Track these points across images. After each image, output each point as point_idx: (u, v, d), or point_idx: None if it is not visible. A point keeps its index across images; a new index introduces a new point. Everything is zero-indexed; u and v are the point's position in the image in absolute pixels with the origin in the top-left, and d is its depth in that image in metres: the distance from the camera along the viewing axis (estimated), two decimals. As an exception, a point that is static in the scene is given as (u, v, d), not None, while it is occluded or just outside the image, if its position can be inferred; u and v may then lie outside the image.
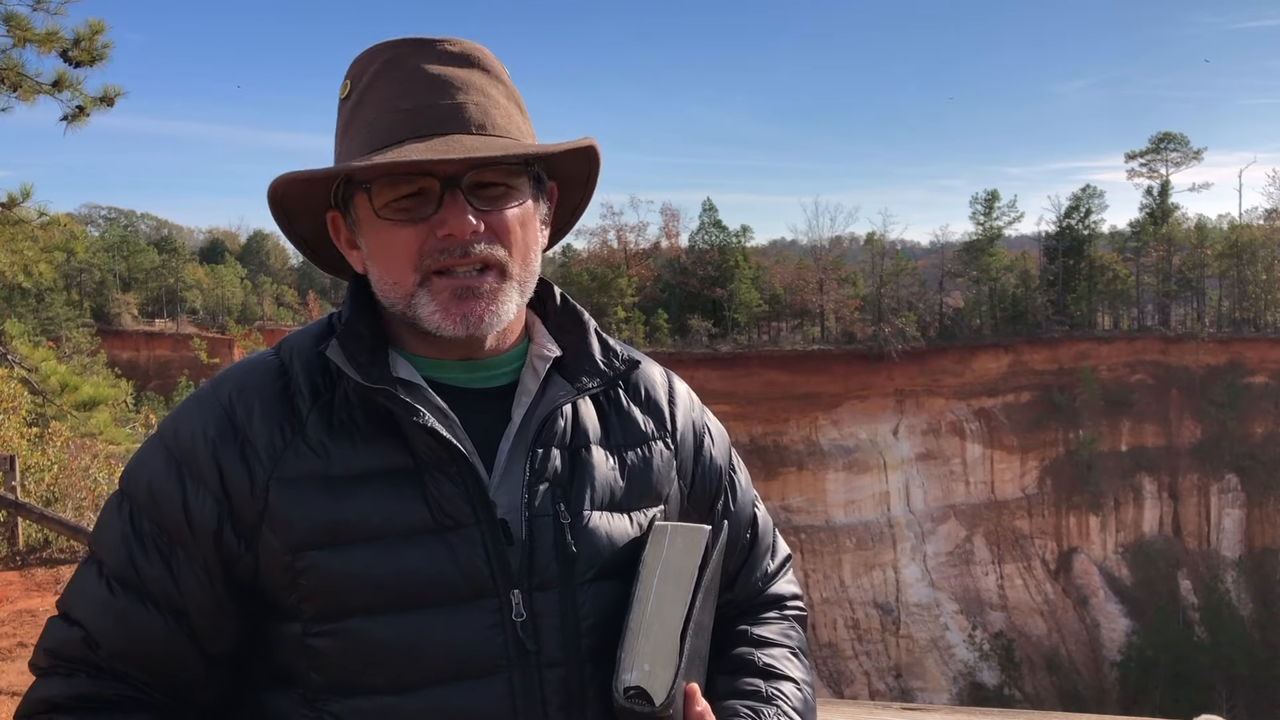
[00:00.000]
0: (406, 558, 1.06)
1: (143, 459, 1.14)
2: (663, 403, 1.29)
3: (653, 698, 1.04)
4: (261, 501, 1.07)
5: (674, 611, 1.09)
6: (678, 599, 1.10)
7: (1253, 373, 58.56)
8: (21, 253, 12.91)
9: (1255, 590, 55.85)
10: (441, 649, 1.05)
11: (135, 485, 1.12)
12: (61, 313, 52.20)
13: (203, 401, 1.13)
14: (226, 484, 1.07)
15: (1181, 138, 64.01)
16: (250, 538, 1.07)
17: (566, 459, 1.15)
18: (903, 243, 74.04)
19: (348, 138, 1.14)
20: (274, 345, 1.20)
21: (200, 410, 1.12)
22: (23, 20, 10.90)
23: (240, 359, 1.21)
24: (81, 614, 1.09)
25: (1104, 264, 62.07)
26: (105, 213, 79.26)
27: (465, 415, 1.13)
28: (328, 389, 1.12)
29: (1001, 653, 52.48)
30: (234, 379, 1.14)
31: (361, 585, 1.05)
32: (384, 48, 1.13)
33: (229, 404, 1.11)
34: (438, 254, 1.09)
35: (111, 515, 1.13)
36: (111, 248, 65.79)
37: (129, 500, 1.12)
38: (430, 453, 1.08)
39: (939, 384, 56.61)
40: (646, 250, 61.55)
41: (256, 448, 1.08)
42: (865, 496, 54.27)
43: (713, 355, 54.67)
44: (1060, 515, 57.45)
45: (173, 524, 1.08)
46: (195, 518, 1.08)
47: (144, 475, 1.11)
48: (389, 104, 1.10)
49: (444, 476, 1.08)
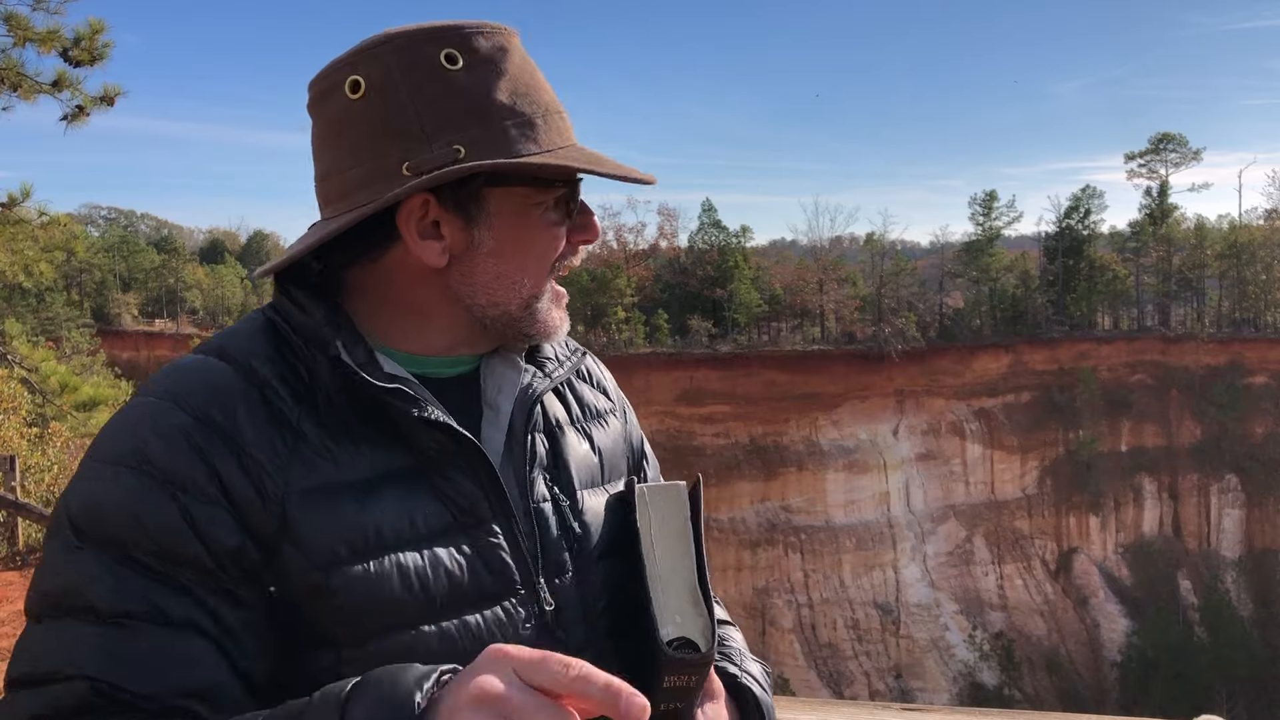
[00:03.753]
0: (438, 561, 1.00)
1: (101, 491, 0.95)
2: (603, 380, 1.33)
3: (698, 645, 1.04)
4: (278, 518, 0.96)
5: (683, 564, 1.10)
6: (683, 551, 1.11)
7: (1253, 373, 58.53)
8: (22, 253, 12.91)
9: (1255, 590, 55.82)
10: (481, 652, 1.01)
11: (110, 519, 0.93)
12: (61, 313, 52.27)
13: (161, 412, 0.97)
14: (231, 496, 0.95)
15: (1181, 138, 63.99)
16: (270, 558, 0.96)
17: (548, 443, 1.15)
18: (902, 243, 74.03)
19: (486, 119, 1.03)
20: (203, 350, 1.06)
21: (164, 420, 0.97)
22: (23, 19, 10.89)
23: (172, 366, 1.05)
24: (73, 665, 0.89)
25: (1104, 264, 62.07)
26: (105, 213, 79.42)
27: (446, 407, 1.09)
28: (306, 390, 1.02)
29: (1001, 653, 52.48)
30: (193, 383, 1.00)
31: (402, 597, 0.97)
32: (489, 30, 1.05)
33: (201, 410, 0.97)
34: (565, 259, 1.10)
35: (75, 561, 0.93)
36: (111, 248, 65.84)
37: (98, 540, 0.93)
38: (439, 448, 1.03)
39: (939, 384, 56.61)
40: (645, 251, 61.62)
41: (256, 457, 0.96)
42: (865, 497, 54.27)
43: (713, 355, 54.67)
44: (1060, 515, 57.45)
45: (178, 547, 0.93)
46: (208, 535, 0.94)
47: (117, 506, 0.93)
48: (540, 99, 1.06)
49: (456, 472, 1.03)
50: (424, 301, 1.09)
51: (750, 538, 52.36)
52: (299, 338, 1.05)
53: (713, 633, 1.05)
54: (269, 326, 1.07)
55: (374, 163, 1.02)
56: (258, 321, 1.09)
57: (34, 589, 0.96)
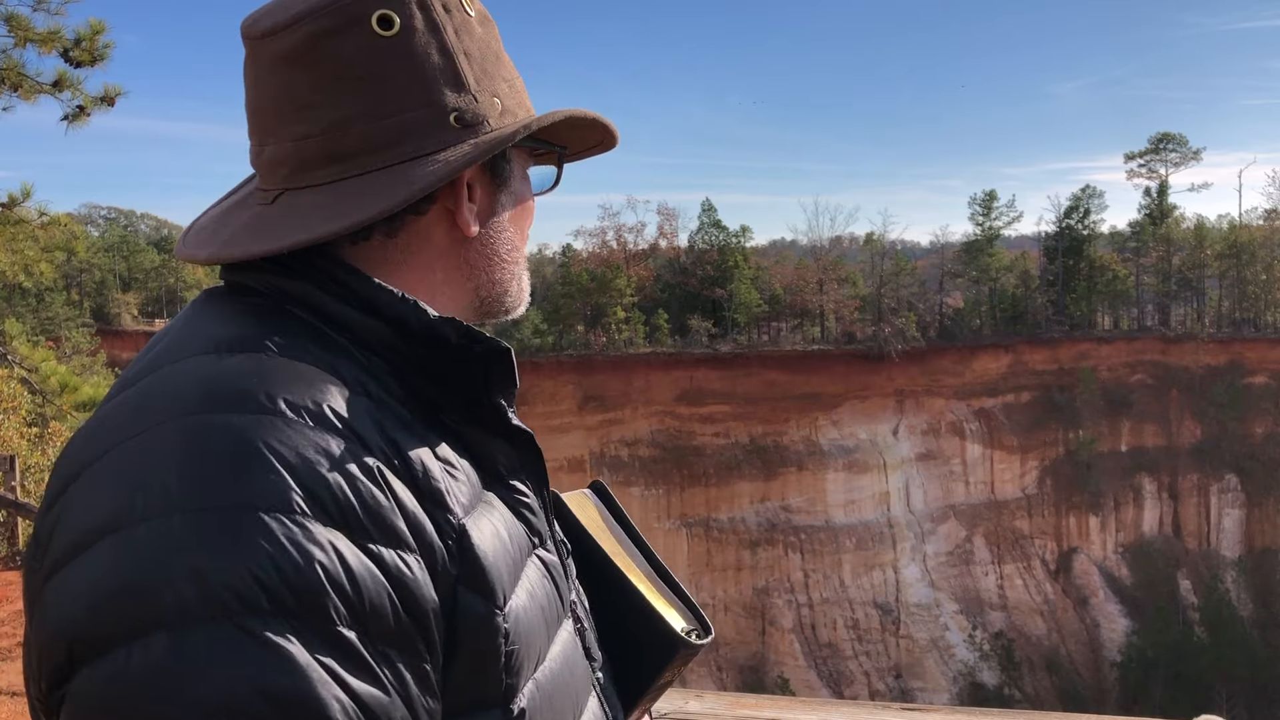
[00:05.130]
0: (542, 586, 0.87)
1: (274, 548, 0.66)
2: None
3: (705, 630, 1.07)
4: (457, 551, 0.77)
5: (641, 561, 1.12)
6: (632, 551, 1.13)
7: (1253, 373, 58.56)
8: (22, 253, 12.93)
9: (1255, 590, 55.86)
10: (576, 683, 0.91)
11: (304, 585, 0.66)
12: (61, 313, 52.24)
13: (294, 427, 0.72)
14: (419, 535, 0.74)
15: (1180, 138, 64.04)
16: (450, 610, 0.75)
17: None
18: (902, 243, 74.01)
19: (501, 72, 0.94)
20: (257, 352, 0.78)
21: (313, 437, 0.72)
22: (24, 20, 10.92)
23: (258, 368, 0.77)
24: None
25: (1104, 264, 62.13)
26: (105, 213, 79.36)
27: None
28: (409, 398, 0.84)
29: (1001, 653, 52.50)
30: (314, 386, 0.76)
31: (538, 629, 0.85)
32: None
33: (352, 420, 0.76)
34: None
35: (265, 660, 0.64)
36: (111, 248, 65.84)
37: (292, 617, 0.65)
38: (511, 460, 0.89)
39: (939, 384, 56.64)
40: (645, 250, 61.60)
41: (430, 472, 0.78)
42: (865, 496, 54.30)
43: (713, 355, 54.67)
44: (1060, 515, 57.48)
45: (383, 617, 0.70)
46: (410, 596, 0.72)
47: (308, 565, 0.67)
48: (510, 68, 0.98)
49: (520, 484, 0.89)
50: (438, 281, 0.92)
51: (750, 538, 52.39)
52: (353, 338, 0.84)
53: (699, 612, 1.08)
54: (314, 335, 0.83)
55: (421, 111, 0.86)
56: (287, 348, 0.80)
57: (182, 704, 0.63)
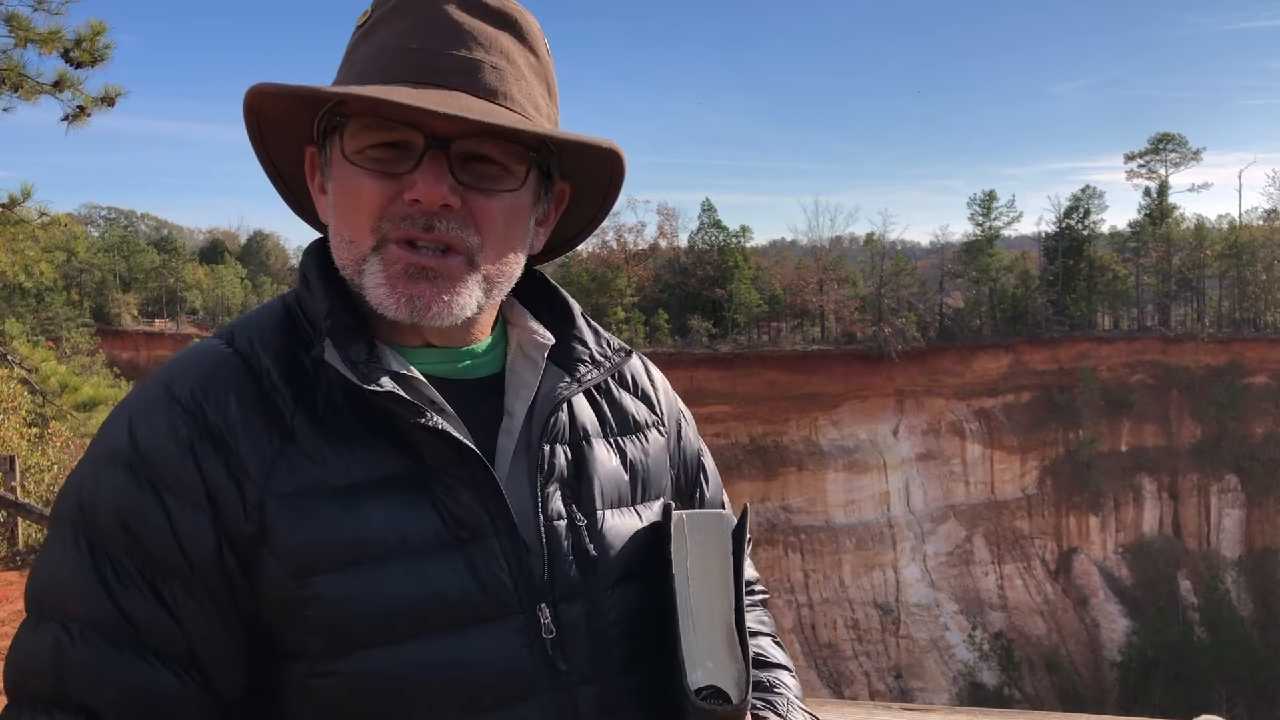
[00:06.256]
0: (427, 576, 0.92)
1: (91, 484, 0.92)
2: (649, 388, 1.20)
3: (729, 695, 0.97)
4: (256, 521, 0.91)
5: (717, 604, 1.02)
6: (718, 591, 1.02)
7: (1253, 373, 58.55)
8: (22, 253, 12.94)
9: (1255, 590, 55.84)
10: (468, 678, 0.93)
11: (94, 516, 0.91)
12: (61, 313, 52.21)
13: (155, 403, 0.94)
14: (215, 498, 0.91)
15: (1180, 138, 64.04)
16: (247, 563, 0.91)
17: (570, 455, 1.05)
18: (902, 243, 74.09)
19: (345, 67, 1.00)
20: (218, 335, 1.02)
21: (157, 413, 0.93)
22: (24, 20, 10.94)
23: (183, 353, 1.01)
24: (80, 691, 0.88)
25: (1104, 264, 62.12)
26: (105, 213, 79.45)
27: (458, 411, 0.99)
28: (308, 386, 0.96)
29: (1001, 653, 52.47)
30: (189, 374, 0.95)
31: (378, 611, 0.91)
32: None
33: (194, 403, 0.93)
34: (399, 220, 0.94)
35: (64, 558, 0.91)
36: (111, 248, 65.82)
37: (87, 535, 0.91)
38: (438, 457, 0.95)
39: (939, 384, 56.62)
40: (645, 250, 61.60)
41: (241, 455, 0.91)
42: (865, 497, 54.28)
43: (713, 355, 54.66)
44: (1060, 515, 57.45)
45: (161, 553, 0.90)
46: (189, 542, 0.90)
47: (104, 502, 0.91)
48: (395, 40, 0.96)
49: (455, 482, 0.95)
50: None
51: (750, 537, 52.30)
52: (310, 327, 0.99)
53: (747, 682, 0.97)
54: (285, 314, 1.01)
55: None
56: (275, 308, 1.03)
57: (29, 582, 0.95)
